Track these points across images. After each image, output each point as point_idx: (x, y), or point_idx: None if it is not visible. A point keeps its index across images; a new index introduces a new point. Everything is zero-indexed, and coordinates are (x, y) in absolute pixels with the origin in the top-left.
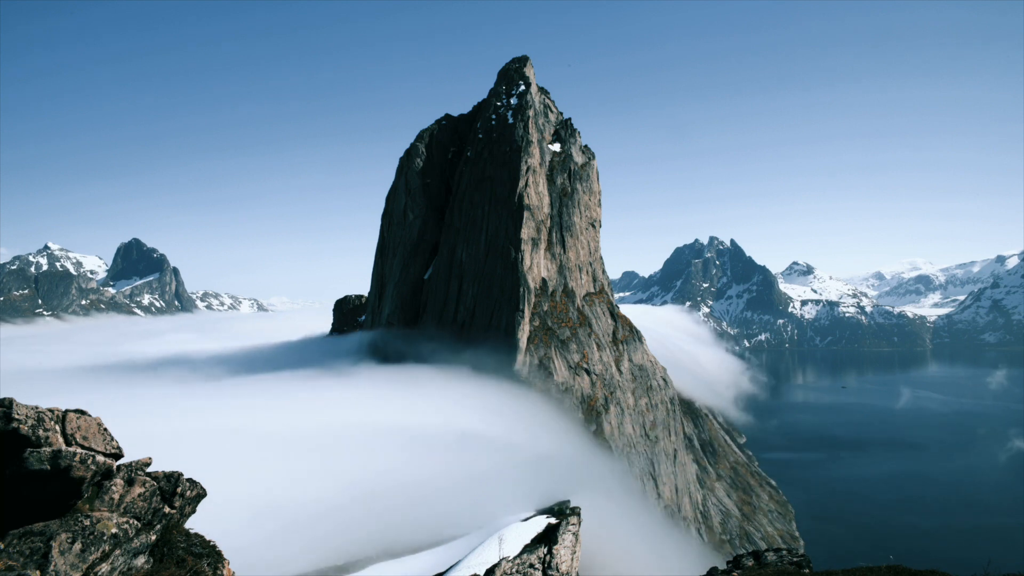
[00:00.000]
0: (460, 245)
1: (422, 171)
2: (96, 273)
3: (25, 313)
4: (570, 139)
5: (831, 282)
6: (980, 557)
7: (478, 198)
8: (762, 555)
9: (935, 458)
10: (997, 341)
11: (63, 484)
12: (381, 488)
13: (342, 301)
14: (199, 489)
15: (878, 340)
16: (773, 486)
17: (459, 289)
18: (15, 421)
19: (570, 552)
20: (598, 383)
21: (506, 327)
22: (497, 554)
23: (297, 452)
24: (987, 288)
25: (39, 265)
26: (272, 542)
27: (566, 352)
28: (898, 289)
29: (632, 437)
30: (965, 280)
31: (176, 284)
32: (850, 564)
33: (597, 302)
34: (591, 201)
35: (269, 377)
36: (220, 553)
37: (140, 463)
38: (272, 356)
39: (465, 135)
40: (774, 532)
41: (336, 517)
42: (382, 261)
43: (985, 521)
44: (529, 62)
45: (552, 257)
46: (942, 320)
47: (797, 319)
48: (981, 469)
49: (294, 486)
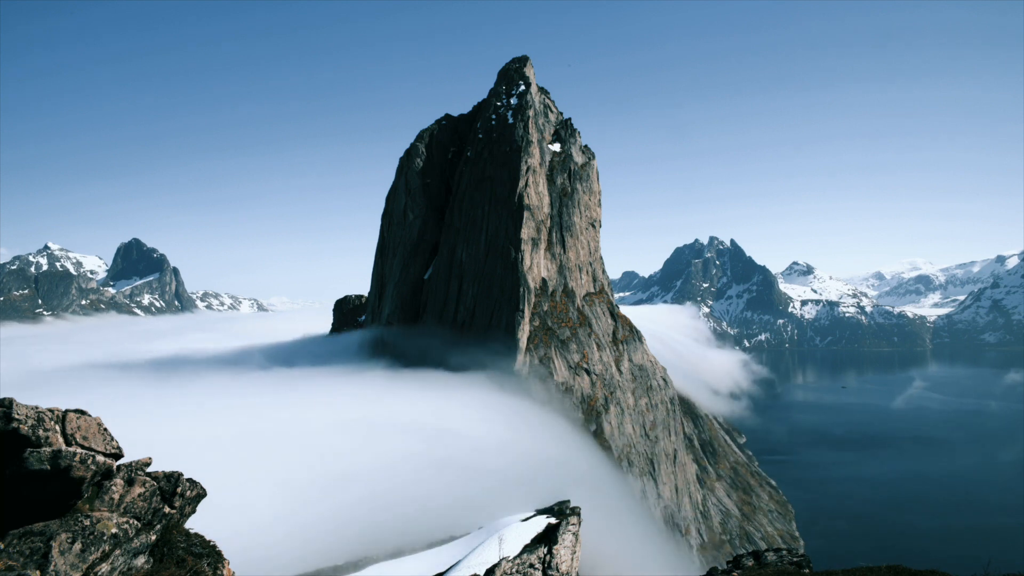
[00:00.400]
0: (460, 245)
1: (422, 171)
2: (96, 273)
3: (25, 313)
4: (570, 139)
5: (831, 282)
6: (980, 557)
7: (478, 198)
8: (762, 555)
9: (935, 458)
10: (997, 341)
11: (63, 484)
12: (381, 488)
13: (342, 301)
14: (199, 489)
15: (878, 340)
16: (773, 486)
17: (459, 289)
18: (15, 421)
19: (570, 552)
20: (598, 383)
21: (506, 327)
22: (497, 554)
23: (296, 452)
24: (987, 288)
25: (39, 265)
26: (272, 542)
27: (566, 352)
28: (898, 289)
29: (632, 437)
30: (965, 280)
31: (176, 284)
32: (850, 564)
33: (597, 302)
34: (591, 201)
35: (269, 377)
36: (220, 553)
37: (140, 463)
38: (272, 356)
39: (465, 135)
40: (774, 532)
41: (336, 517)
42: (382, 261)
43: (985, 521)
44: (529, 62)
45: (552, 257)
46: (942, 320)
47: (797, 319)
48: (981, 469)
49: (294, 486)
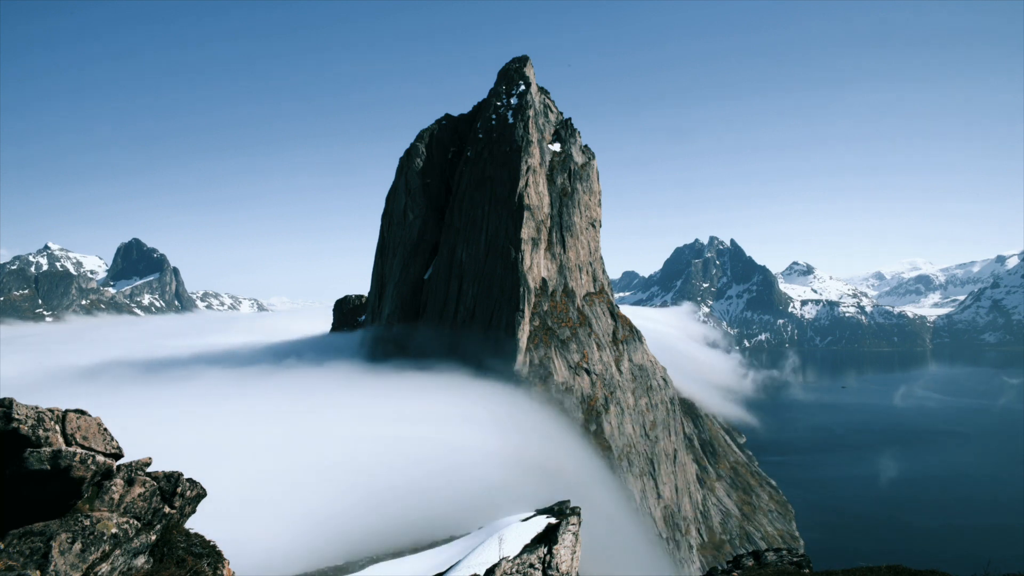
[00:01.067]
0: (460, 245)
1: (422, 171)
2: (96, 273)
3: (25, 313)
4: (570, 139)
5: (831, 282)
6: (980, 557)
7: (478, 198)
8: (762, 555)
9: (935, 458)
10: (997, 341)
11: (63, 484)
12: (381, 488)
13: (342, 301)
14: (199, 489)
15: (878, 340)
16: (773, 486)
17: (459, 289)
18: (15, 421)
19: (570, 552)
20: (598, 383)
21: (506, 327)
22: (497, 554)
23: (297, 452)
24: (987, 288)
25: (39, 265)
26: (272, 542)
27: (566, 352)
28: (898, 289)
29: (632, 437)
30: (965, 280)
31: (176, 284)
32: (850, 564)
33: (597, 302)
34: (591, 201)
35: (269, 377)
36: (220, 553)
37: (140, 463)
38: (272, 356)
39: (465, 135)
40: (774, 532)
41: (336, 517)
42: (382, 261)
43: (985, 521)
44: (529, 62)
45: (552, 257)
46: (942, 320)
47: (797, 319)
48: (981, 469)
49: (294, 486)
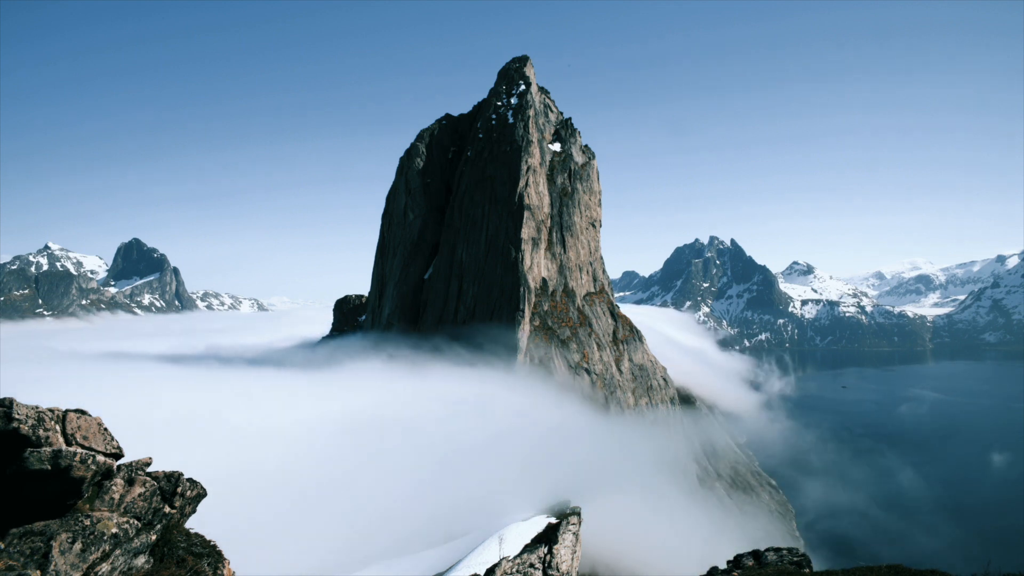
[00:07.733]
0: (460, 245)
1: (422, 171)
2: (96, 273)
3: (25, 313)
4: (570, 139)
5: (831, 282)
6: (980, 557)
7: (478, 198)
8: (762, 555)
9: (935, 458)
10: (997, 341)
11: (63, 484)
12: (381, 487)
13: (342, 301)
14: (199, 489)
15: (878, 340)
16: (773, 486)
17: (459, 289)
18: (15, 421)
19: (570, 552)
20: (598, 383)
21: (506, 327)
22: (497, 554)
23: (296, 452)
24: (987, 288)
25: (39, 265)
26: (272, 542)
27: (566, 352)
28: (898, 289)
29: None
30: (965, 280)
31: (176, 284)
32: (850, 564)
33: (597, 302)
34: (591, 201)
35: (269, 376)
36: (220, 553)
37: (140, 463)
38: (272, 355)
39: (465, 135)
40: (774, 532)
41: (337, 516)
42: (382, 261)
43: (985, 521)
44: (529, 62)
45: (552, 257)
46: (942, 320)
47: (797, 319)
48: (981, 469)
49: (295, 486)
